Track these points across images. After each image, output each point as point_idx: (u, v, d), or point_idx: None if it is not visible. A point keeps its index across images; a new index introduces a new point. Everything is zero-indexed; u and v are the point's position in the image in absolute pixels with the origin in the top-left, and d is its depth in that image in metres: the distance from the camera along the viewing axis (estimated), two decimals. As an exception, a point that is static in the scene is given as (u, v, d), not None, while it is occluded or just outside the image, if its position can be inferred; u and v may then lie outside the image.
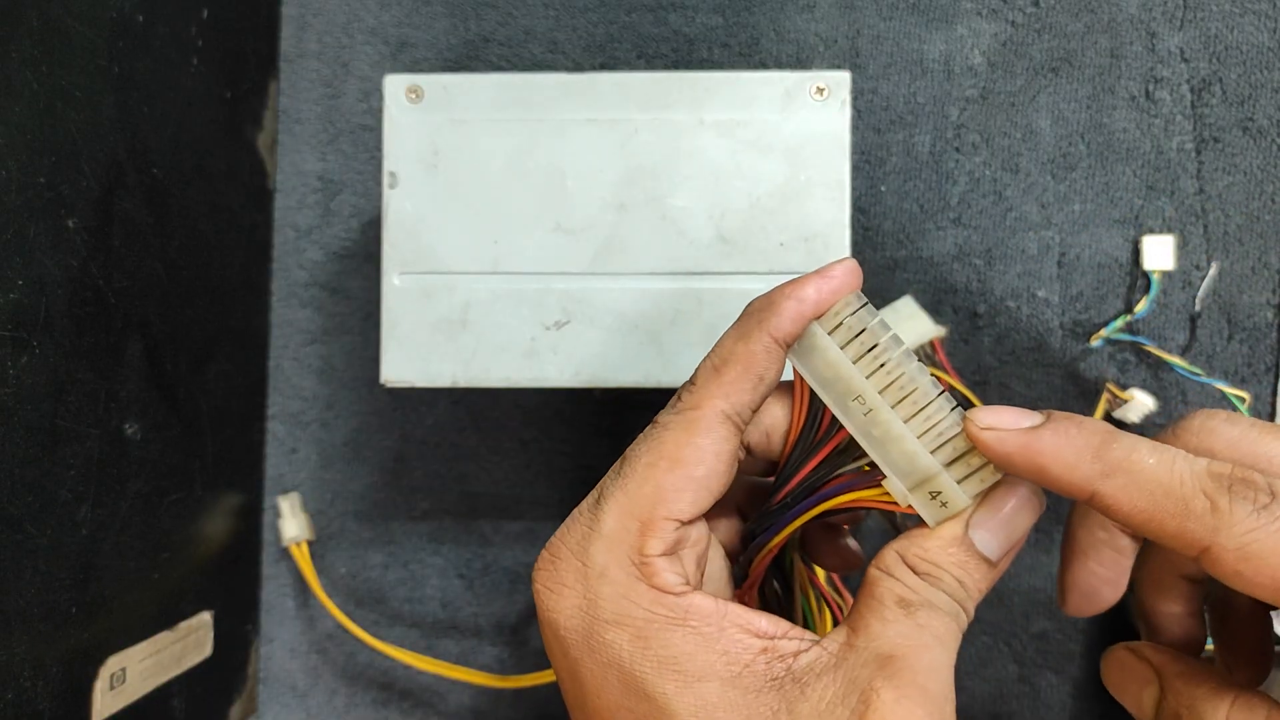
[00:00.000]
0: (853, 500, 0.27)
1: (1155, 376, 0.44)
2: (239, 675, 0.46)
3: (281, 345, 0.48)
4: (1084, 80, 0.45)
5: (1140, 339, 0.44)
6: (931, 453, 0.25)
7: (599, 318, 0.37)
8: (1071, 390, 0.45)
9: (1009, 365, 0.45)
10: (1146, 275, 0.44)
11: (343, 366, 0.48)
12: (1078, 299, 0.45)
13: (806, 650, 0.24)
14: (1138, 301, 0.44)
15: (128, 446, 0.37)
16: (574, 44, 0.47)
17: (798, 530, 0.28)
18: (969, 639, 0.26)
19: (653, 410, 0.47)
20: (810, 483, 0.27)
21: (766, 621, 0.25)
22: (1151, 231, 0.45)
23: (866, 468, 0.26)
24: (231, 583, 0.45)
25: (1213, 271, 0.44)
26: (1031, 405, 0.25)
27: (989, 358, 0.45)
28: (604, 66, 0.47)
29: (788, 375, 0.28)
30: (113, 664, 0.36)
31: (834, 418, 0.26)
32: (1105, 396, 0.43)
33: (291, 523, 0.46)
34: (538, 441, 0.47)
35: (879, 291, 0.45)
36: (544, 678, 0.43)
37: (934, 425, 0.25)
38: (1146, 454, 0.23)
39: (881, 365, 0.25)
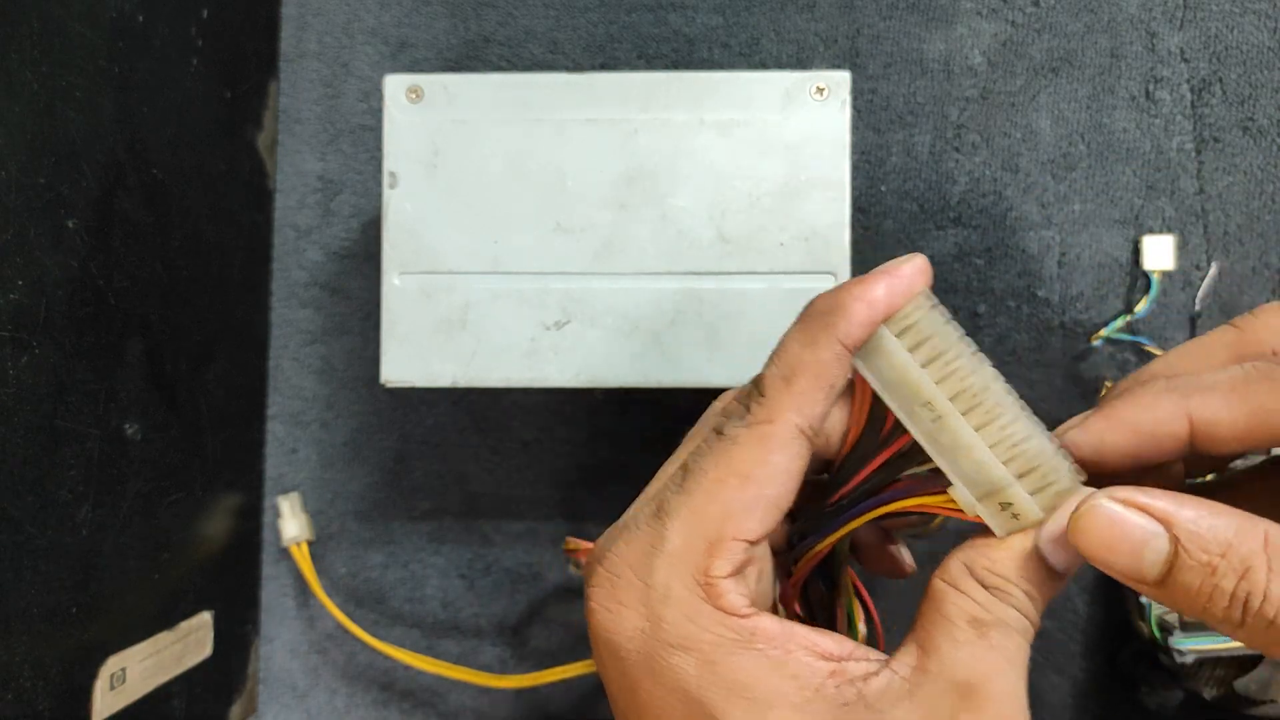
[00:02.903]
0: (917, 505, 0.25)
1: (1155, 376, 0.44)
2: (239, 675, 0.46)
3: (281, 345, 0.48)
4: (1084, 80, 0.45)
5: (1140, 339, 0.44)
6: (1004, 463, 0.24)
7: (599, 318, 0.37)
8: (1072, 390, 0.45)
9: (1009, 365, 0.45)
10: (1146, 275, 0.44)
11: (343, 366, 0.47)
12: (1078, 299, 0.45)
13: (876, 673, 0.23)
14: (1138, 301, 0.44)
15: (128, 446, 0.37)
16: (574, 44, 0.47)
17: (851, 532, 0.28)
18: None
19: (654, 410, 0.47)
20: (870, 485, 0.26)
21: (832, 642, 0.24)
22: (1151, 231, 0.45)
23: (931, 472, 0.25)
24: (231, 583, 0.45)
25: (1213, 271, 0.44)
26: (1031, 405, 0.25)
27: (989, 357, 0.45)
28: (604, 66, 0.47)
29: None
30: (113, 664, 0.36)
31: (898, 420, 0.25)
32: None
33: (291, 523, 0.46)
34: (538, 441, 0.47)
35: (879, 291, 0.45)
36: (544, 678, 0.43)
37: (1007, 435, 0.24)
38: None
39: (953, 372, 0.24)
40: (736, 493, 0.24)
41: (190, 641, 0.42)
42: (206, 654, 0.43)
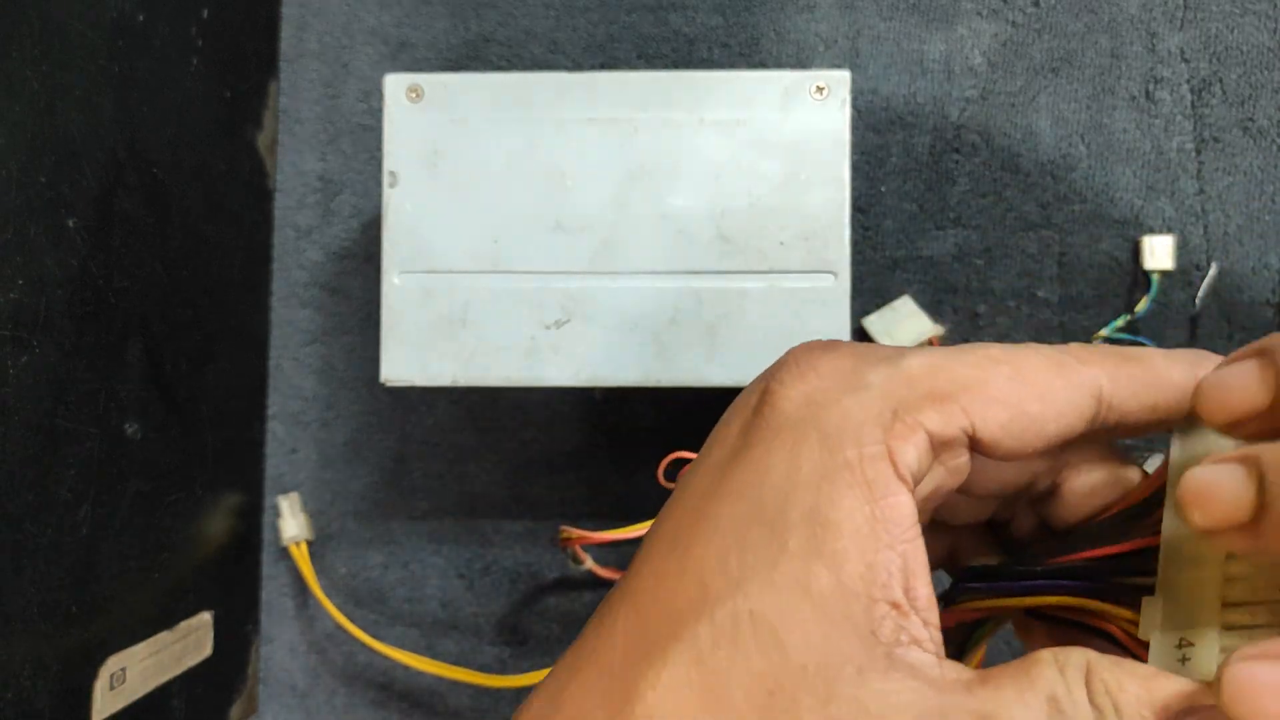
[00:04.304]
0: (1098, 609, 0.23)
1: (1155, 376, 0.44)
2: (239, 675, 0.46)
3: (281, 345, 0.48)
4: (1084, 80, 0.45)
5: (1140, 339, 0.44)
6: (1223, 606, 0.20)
7: (599, 317, 0.37)
8: (1071, 390, 0.45)
9: (1009, 365, 0.45)
10: (1146, 275, 0.44)
11: (343, 366, 0.47)
12: (1078, 299, 0.45)
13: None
14: (1138, 301, 0.44)
15: (128, 446, 0.37)
16: (574, 44, 0.47)
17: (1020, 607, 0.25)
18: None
19: (654, 409, 0.47)
20: (1082, 566, 0.23)
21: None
22: (1151, 231, 0.45)
23: (1137, 586, 0.22)
24: (231, 583, 0.45)
25: (1213, 271, 0.44)
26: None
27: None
28: (604, 66, 0.47)
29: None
30: (113, 664, 0.36)
31: (1148, 509, 0.22)
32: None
33: (291, 523, 0.46)
34: (538, 441, 0.47)
35: (879, 291, 0.45)
36: (544, 677, 0.42)
37: (1253, 579, 0.20)
38: None
39: None
40: (976, 371, 0.20)
41: (190, 641, 0.42)
42: (206, 654, 0.43)
